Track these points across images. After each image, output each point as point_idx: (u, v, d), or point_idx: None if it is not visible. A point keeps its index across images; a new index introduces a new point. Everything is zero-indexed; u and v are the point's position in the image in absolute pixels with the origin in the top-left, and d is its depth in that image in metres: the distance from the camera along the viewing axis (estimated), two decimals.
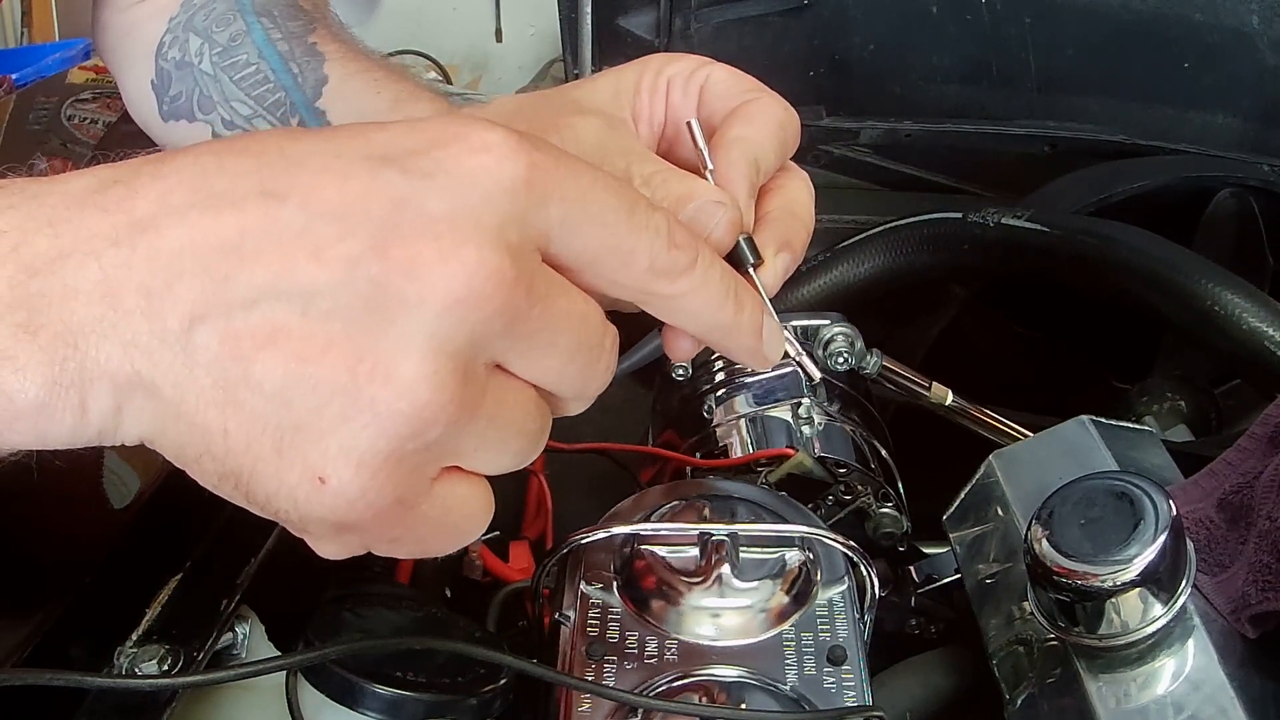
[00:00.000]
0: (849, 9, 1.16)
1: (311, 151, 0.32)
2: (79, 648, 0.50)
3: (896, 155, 1.18)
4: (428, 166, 0.32)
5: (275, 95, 0.61)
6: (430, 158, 0.32)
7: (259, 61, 0.61)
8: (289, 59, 0.61)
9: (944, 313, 0.98)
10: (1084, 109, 1.15)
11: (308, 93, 0.60)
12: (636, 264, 0.35)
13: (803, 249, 0.44)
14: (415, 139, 0.33)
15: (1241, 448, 0.54)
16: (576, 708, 0.48)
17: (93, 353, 0.31)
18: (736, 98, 0.47)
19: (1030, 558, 0.49)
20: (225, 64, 0.62)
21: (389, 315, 0.31)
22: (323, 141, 0.33)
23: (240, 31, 0.62)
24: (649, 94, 0.48)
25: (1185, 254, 0.80)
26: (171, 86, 0.63)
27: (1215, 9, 1.09)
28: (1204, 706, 0.45)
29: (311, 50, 0.61)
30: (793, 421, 0.70)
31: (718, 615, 0.52)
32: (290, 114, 0.60)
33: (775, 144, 0.45)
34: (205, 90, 0.62)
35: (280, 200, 0.31)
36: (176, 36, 0.64)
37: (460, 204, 0.32)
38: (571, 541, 0.55)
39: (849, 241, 0.92)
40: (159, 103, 0.64)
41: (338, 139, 0.33)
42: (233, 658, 0.53)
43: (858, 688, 0.50)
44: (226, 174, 0.32)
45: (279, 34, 0.62)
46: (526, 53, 2.60)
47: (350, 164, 0.32)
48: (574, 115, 0.45)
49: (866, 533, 0.68)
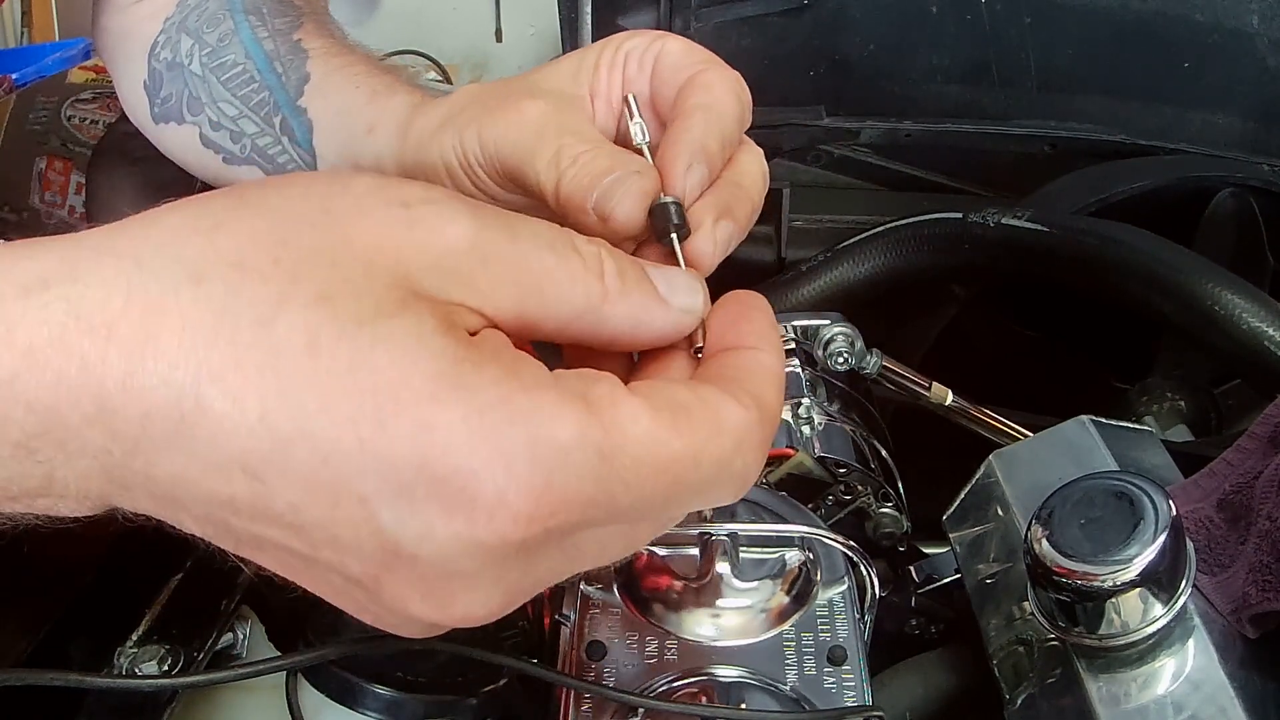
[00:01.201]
0: (849, 9, 1.16)
1: (295, 437, 0.29)
2: (79, 648, 0.50)
3: (896, 155, 1.17)
4: (417, 520, 0.29)
5: (260, 95, 0.61)
6: (420, 514, 0.29)
7: (245, 61, 0.61)
8: (274, 58, 0.61)
9: (944, 313, 0.98)
10: (1084, 109, 1.15)
11: (290, 91, 0.60)
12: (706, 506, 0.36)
13: (747, 220, 0.43)
14: (404, 472, 0.29)
15: (1241, 448, 0.54)
16: (576, 708, 0.48)
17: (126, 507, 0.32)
18: (689, 68, 0.46)
19: (1030, 558, 0.49)
20: (213, 64, 0.62)
21: (389, 615, 0.32)
22: (311, 404, 0.29)
23: (229, 31, 0.62)
24: (607, 70, 0.48)
25: (1185, 254, 0.80)
26: (163, 88, 0.64)
27: (1215, 9, 1.09)
28: (1204, 706, 0.45)
29: (296, 48, 0.61)
30: (793, 421, 0.70)
31: (718, 615, 0.52)
32: (274, 113, 0.60)
33: (735, 112, 0.45)
34: (194, 91, 0.62)
35: (265, 485, 0.29)
36: (170, 37, 0.64)
37: (450, 569, 0.30)
38: None
39: (849, 241, 0.92)
40: (150, 104, 0.64)
41: (325, 418, 0.29)
42: (233, 658, 0.53)
43: (858, 688, 0.50)
44: (203, 427, 0.29)
45: (265, 32, 0.62)
46: (526, 53, 2.60)
47: (337, 484, 0.29)
48: (523, 99, 0.45)
49: (866, 533, 0.68)
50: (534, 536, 0.30)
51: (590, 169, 0.41)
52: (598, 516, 0.31)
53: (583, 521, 0.30)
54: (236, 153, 0.61)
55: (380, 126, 0.55)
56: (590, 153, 0.42)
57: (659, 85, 0.47)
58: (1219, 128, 1.13)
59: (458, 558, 0.30)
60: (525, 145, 0.44)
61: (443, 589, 0.31)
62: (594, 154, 0.42)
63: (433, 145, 0.49)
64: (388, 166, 0.54)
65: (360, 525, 0.29)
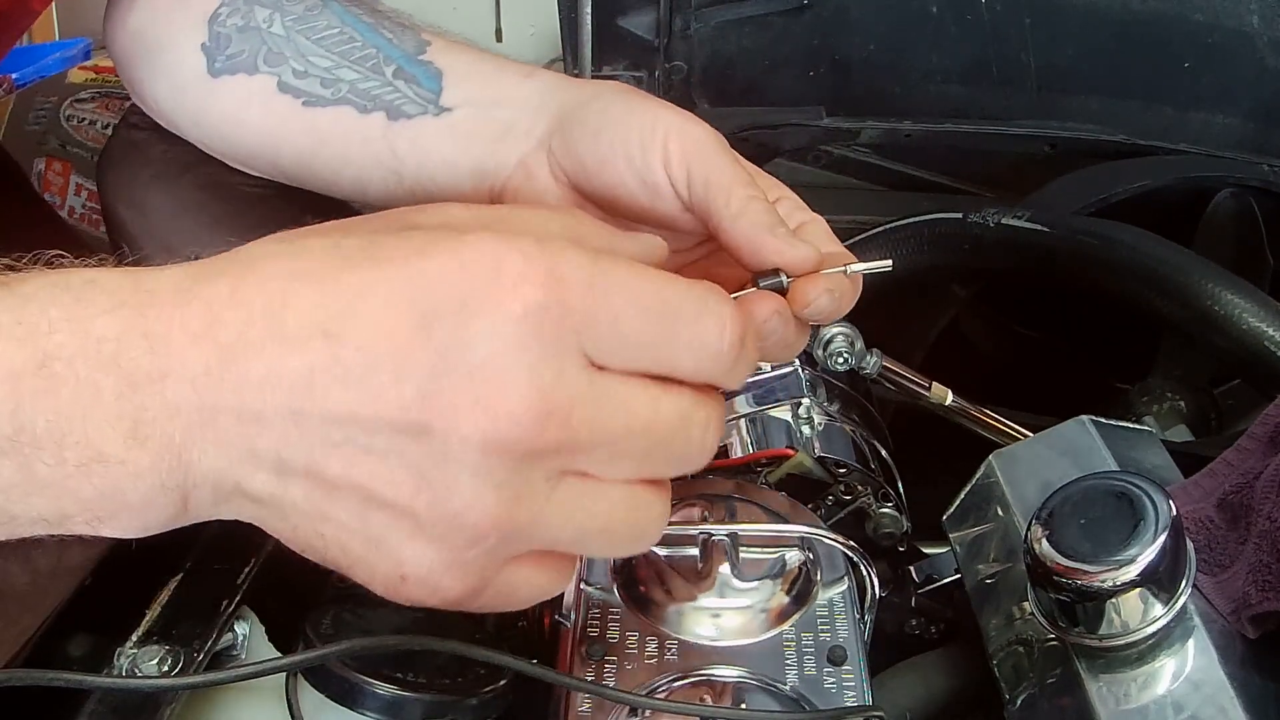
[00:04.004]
0: (849, 9, 1.16)
1: (364, 290, 0.35)
2: (79, 648, 0.50)
3: (896, 155, 1.17)
4: (468, 313, 0.35)
5: (364, 51, 0.59)
6: (470, 306, 0.35)
7: (343, 27, 0.60)
8: (378, 27, 0.60)
9: (944, 313, 0.98)
10: (1084, 109, 1.15)
11: (409, 49, 0.59)
12: (683, 368, 0.37)
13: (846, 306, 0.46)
14: (457, 280, 0.35)
15: (1241, 448, 0.54)
16: (576, 708, 0.48)
17: (196, 464, 0.36)
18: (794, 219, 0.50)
19: (1030, 558, 0.49)
20: (302, 27, 0.60)
21: (439, 454, 0.35)
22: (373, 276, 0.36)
23: (316, 4, 0.61)
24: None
25: (1185, 254, 0.80)
26: (231, 45, 0.61)
27: (1215, 9, 1.08)
28: (1204, 706, 0.45)
29: (398, 23, 0.61)
30: (793, 421, 0.70)
31: (718, 615, 0.52)
32: (384, 64, 0.59)
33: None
34: (274, 48, 0.60)
35: (340, 342, 0.35)
36: (236, 8, 0.62)
37: (496, 350, 0.35)
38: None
39: (849, 242, 0.92)
40: (210, 61, 0.62)
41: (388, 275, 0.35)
42: (233, 658, 0.53)
43: (858, 688, 0.50)
44: (292, 310, 0.35)
45: (359, 9, 0.61)
46: (526, 53, 2.59)
47: (400, 314, 0.35)
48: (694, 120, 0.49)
49: (866, 533, 0.68)
50: (550, 313, 0.35)
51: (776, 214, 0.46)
52: (596, 307, 0.35)
53: (587, 307, 0.35)
54: (327, 95, 0.59)
55: (540, 75, 0.56)
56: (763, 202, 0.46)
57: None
58: (1219, 128, 1.12)
59: (497, 337, 0.34)
60: (718, 159, 0.47)
61: (486, 383, 0.35)
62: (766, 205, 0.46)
63: (633, 103, 0.50)
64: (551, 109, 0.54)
65: (419, 344, 0.35)
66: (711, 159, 0.47)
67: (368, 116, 0.58)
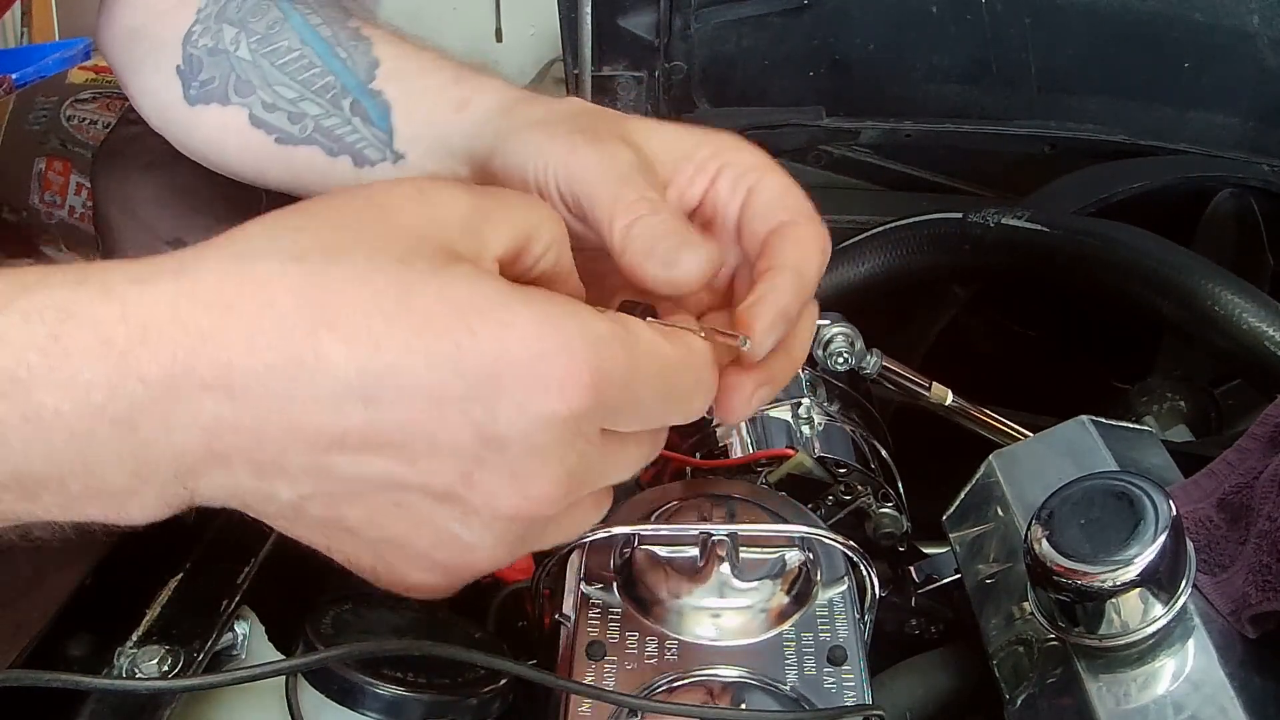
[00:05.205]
0: (849, 9, 1.16)
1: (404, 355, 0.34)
2: (79, 648, 0.50)
3: (896, 155, 1.17)
4: (510, 402, 0.35)
5: (324, 80, 0.59)
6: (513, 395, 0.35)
7: (302, 47, 0.60)
8: (334, 44, 0.60)
9: (944, 313, 0.98)
10: (1084, 109, 1.15)
11: (360, 75, 0.59)
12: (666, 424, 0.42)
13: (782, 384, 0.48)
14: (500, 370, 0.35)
15: (1241, 448, 0.54)
16: (576, 708, 0.48)
17: (204, 490, 0.37)
18: (784, 213, 0.48)
19: (1030, 558, 0.49)
20: (265, 50, 0.60)
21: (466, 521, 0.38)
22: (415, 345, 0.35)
23: (278, 19, 0.60)
24: (696, 169, 0.49)
25: (1185, 254, 0.80)
26: (203, 71, 0.61)
27: (1215, 9, 1.08)
28: (1204, 706, 0.45)
29: (356, 34, 0.60)
30: (793, 421, 0.70)
31: (718, 615, 0.52)
32: (341, 96, 0.58)
33: (818, 273, 0.47)
34: (242, 75, 0.60)
35: (379, 409, 0.35)
36: (207, 27, 0.61)
37: (536, 445, 0.36)
38: (571, 542, 0.55)
39: (849, 242, 0.92)
40: (185, 87, 0.62)
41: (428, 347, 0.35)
42: (232, 658, 0.53)
43: (858, 688, 0.50)
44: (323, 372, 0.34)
45: (318, 19, 0.60)
46: (526, 53, 2.60)
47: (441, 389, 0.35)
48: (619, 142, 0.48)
49: (866, 533, 0.68)
50: (591, 410, 0.36)
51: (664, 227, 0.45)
52: (625, 400, 0.38)
53: (617, 402, 0.37)
54: (295, 133, 0.60)
55: (474, 104, 0.55)
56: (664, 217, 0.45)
57: (750, 218, 0.49)
58: (1219, 128, 1.12)
59: (538, 432, 0.36)
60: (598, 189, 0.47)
61: (526, 469, 0.36)
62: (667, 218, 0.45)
63: (529, 137, 0.50)
64: (481, 146, 0.53)
65: (458, 422, 0.35)
66: (593, 191, 0.46)
67: (336, 160, 0.59)
